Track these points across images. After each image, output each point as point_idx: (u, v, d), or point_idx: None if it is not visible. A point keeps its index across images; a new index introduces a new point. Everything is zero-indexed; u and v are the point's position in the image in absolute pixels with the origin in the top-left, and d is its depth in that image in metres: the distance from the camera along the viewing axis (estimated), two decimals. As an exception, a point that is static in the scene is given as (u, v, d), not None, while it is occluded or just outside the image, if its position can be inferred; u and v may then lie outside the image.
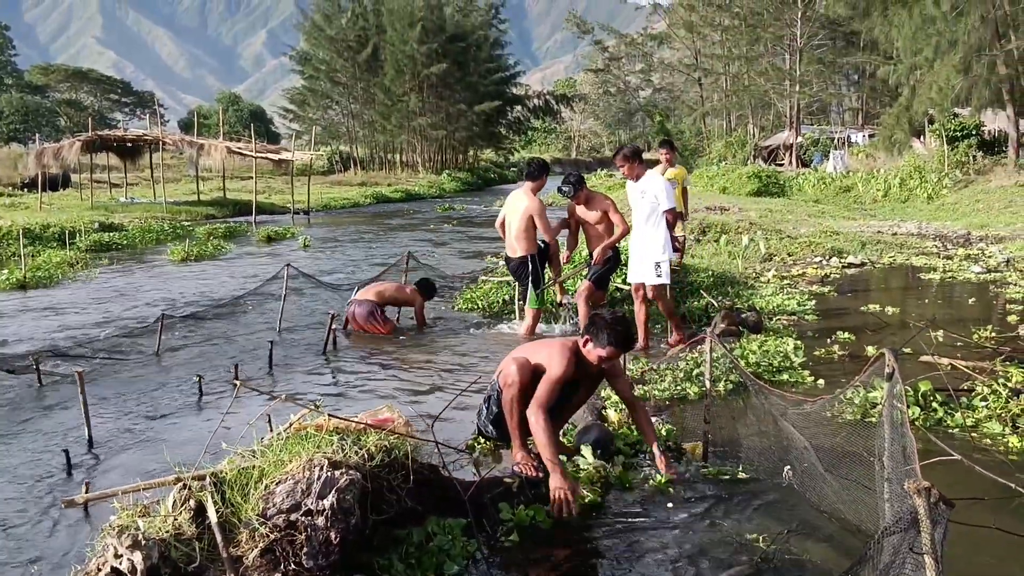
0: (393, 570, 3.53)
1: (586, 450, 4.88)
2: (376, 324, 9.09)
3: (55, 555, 3.92)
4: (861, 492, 3.95)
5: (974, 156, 26.94)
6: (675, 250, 8.46)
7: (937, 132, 28.40)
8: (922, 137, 31.47)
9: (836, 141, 42.15)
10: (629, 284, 8.57)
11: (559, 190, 8.59)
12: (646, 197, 7.96)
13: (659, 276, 7.94)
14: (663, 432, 5.39)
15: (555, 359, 4.66)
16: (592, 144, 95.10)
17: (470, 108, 60.21)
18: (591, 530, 4.22)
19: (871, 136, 40.74)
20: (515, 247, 8.72)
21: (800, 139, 44.55)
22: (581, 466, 4.77)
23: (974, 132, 27.73)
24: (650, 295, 8.07)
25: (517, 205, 8.67)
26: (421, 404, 6.32)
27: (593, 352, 4.65)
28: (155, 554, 3.07)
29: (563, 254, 9.10)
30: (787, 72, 47.24)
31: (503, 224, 8.93)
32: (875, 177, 28.91)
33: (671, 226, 8.14)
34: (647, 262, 8.00)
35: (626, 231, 8.40)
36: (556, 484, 4.22)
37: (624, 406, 5.39)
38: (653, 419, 5.28)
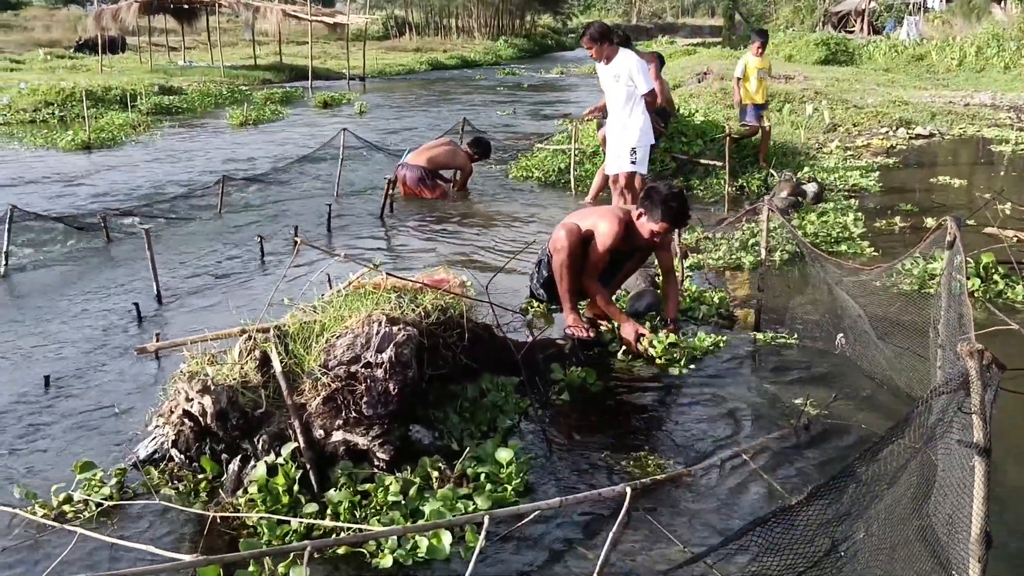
0: (449, 422, 3.67)
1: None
2: (425, 188, 9.11)
3: (130, 399, 4.14)
4: (914, 360, 3.96)
5: (1058, 24, 25.41)
6: (657, 134, 7.94)
7: (1020, -3, 26.80)
8: (1003, 2, 29.68)
9: (911, 6, 39.97)
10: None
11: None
12: (621, 80, 7.32)
13: (632, 163, 7.43)
14: (715, 300, 5.42)
15: (603, 228, 4.65)
16: (654, 9, 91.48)
17: (528, -32, 58.24)
18: (638, 390, 4.32)
19: (949, 1, 38.60)
20: None
21: (873, 4, 42.35)
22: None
23: (1060, -3, 26.10)
24: (621, 183, 7.57)
25: None
26: (476, 267, 6.40)
27: (646, 226, 4.61)
28: (223, 399, 3.24)
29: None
30: (864, -71, 44.56)
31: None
32: (950, 45, 27.60)
33: (650, 108, 7.49)
34: (623, 148, 7.45)
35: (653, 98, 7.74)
36: (629, 330, 4.66)
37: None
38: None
